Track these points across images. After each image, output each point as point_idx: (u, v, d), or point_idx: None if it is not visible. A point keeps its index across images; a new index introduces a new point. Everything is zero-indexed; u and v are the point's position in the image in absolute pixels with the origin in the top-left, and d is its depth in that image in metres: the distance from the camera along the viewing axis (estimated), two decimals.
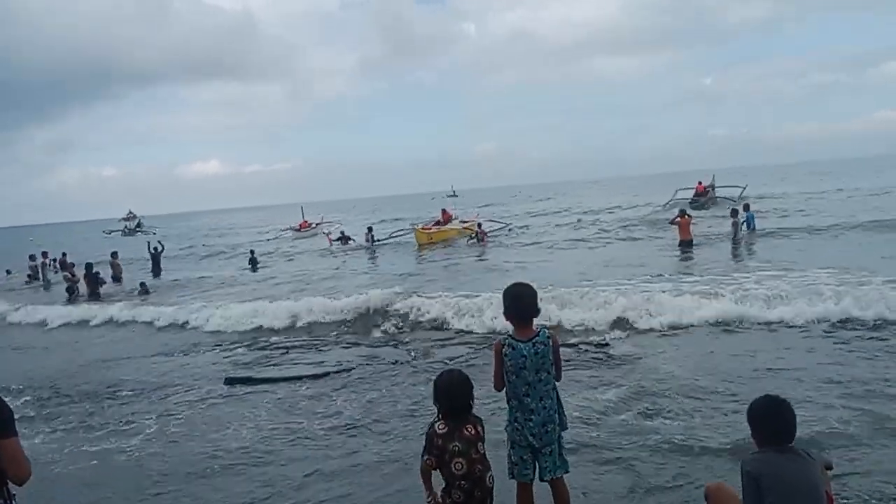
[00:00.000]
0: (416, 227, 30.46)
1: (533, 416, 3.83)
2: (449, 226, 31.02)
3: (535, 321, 3.95)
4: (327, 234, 33.38)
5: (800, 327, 9.58)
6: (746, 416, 3.25)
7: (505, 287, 4.05)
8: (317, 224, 45.62)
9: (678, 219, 19.61)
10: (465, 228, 29.33)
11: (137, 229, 72.27)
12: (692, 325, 10.15)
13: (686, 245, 18.96)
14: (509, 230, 31.15)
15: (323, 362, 9.65)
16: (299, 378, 8.79)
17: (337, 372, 8.94)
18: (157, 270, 25.11)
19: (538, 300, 3.97)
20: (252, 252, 27.44)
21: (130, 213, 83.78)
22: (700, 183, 37.74)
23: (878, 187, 38.33)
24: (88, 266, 20.92)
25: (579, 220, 34.93)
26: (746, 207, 22.07)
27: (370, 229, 30.27)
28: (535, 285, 4.10)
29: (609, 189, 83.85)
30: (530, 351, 3.81)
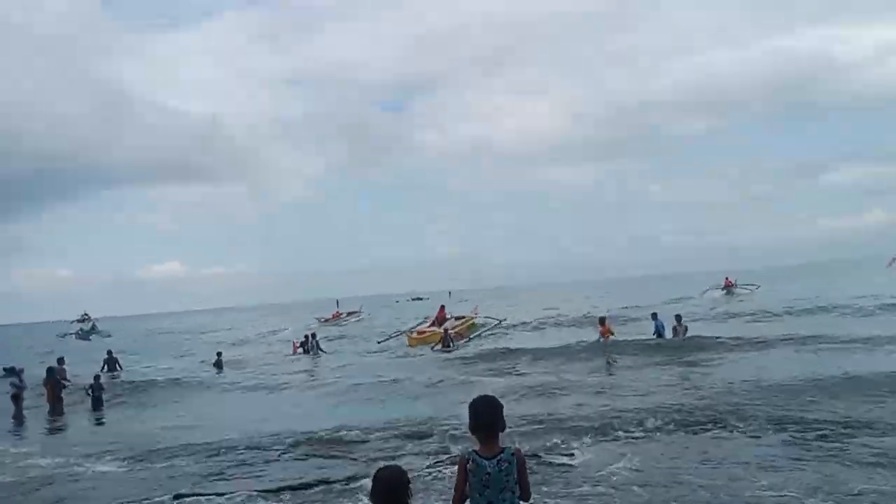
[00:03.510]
0: (409, 333, 30.52)
1: None
2: (444, 326, 30.80)
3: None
4: (293, 341, 33.17)
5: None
6: None
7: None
8: (348, 314, 49.70)
9: (599, 326, 22.13)
10: (457, 329, 29.38)
11: (92, 332, 70.00)
12: None
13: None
14: (497, 328, 31.15)
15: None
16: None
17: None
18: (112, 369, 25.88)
19: (503, 414, 3.97)
20: (218, 354, 27.53)
21: (85, 314, 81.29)
22: (727, 278, 48.84)
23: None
24: (50, 371, 18.98)
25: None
26: (654, 316, 22.43)
27: (312, 336, 29.90)
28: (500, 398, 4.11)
29: (572, 293, 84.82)
30: (494, 468, 3.77)
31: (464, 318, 32.55)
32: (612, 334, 21.74)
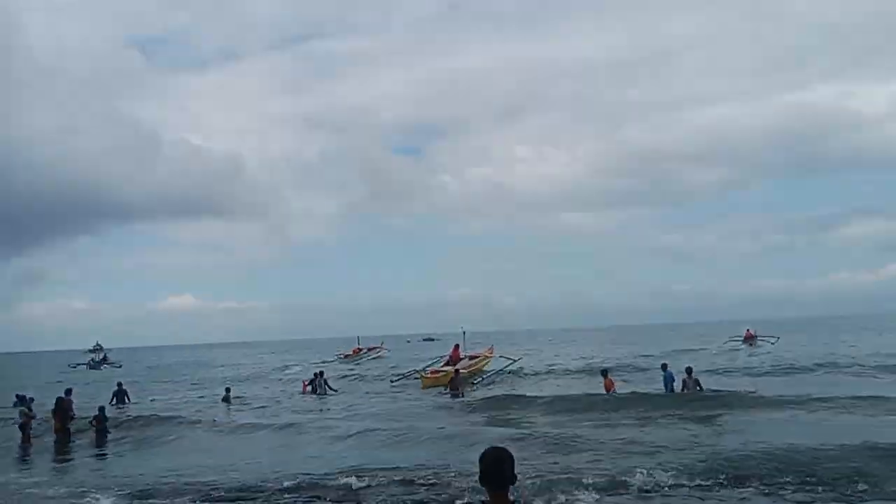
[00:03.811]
0: (423, 373, 30.30)
1: None
2: (457, 366, 30.55)
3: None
4: (304, 380, 32.95)
5: None
6: None
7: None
8: (368, 349, 50.52)
9: (603, 379, 21.92)
10: (471, 369, 29.41)
11: (103, 363, 70.41)
12: None
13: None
14: (509, 371, 30.98)
15: None
16: None
17: None
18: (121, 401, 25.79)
19: (513, 467, 3.90)
20: (227, 389, 27.44)
21: (98, 345, 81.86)
22: (748, 330, 50.40)
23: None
24: (59, 401, 19.03)
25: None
26: (664, 367, 21.87)
27: (320, 375, 29.32)
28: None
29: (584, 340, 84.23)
30: None
31: (478, 356, 32.35)
32: (614, 389, 21.52)
